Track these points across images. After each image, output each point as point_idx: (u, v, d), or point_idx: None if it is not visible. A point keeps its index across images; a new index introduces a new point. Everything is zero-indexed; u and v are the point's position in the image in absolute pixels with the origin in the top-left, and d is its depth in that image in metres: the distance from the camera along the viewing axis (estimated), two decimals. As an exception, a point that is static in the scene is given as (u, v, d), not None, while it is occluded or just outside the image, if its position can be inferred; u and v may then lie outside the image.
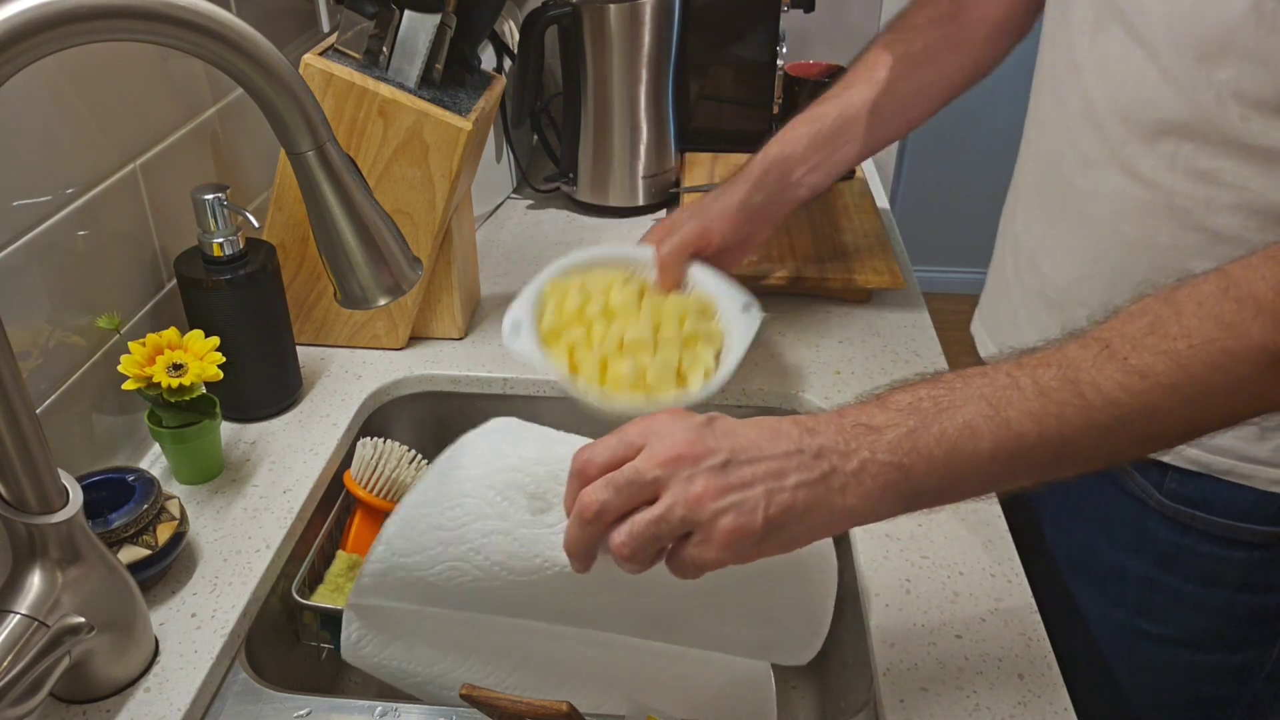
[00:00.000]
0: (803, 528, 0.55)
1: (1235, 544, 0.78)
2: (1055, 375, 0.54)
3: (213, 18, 0.50)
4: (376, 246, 0.60)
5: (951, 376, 0.56)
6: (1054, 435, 0.54)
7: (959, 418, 0.54)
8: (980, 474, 0.55)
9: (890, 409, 0.56)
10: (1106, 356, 0.54)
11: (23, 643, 0.57)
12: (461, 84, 0.96)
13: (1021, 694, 0.66)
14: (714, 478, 0.54)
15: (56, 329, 0.76)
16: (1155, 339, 0.53)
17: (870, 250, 1.15)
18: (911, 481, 0.55)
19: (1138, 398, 0.53)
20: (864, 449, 0.55)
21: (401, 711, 0.68)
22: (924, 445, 0.54)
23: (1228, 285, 0.53)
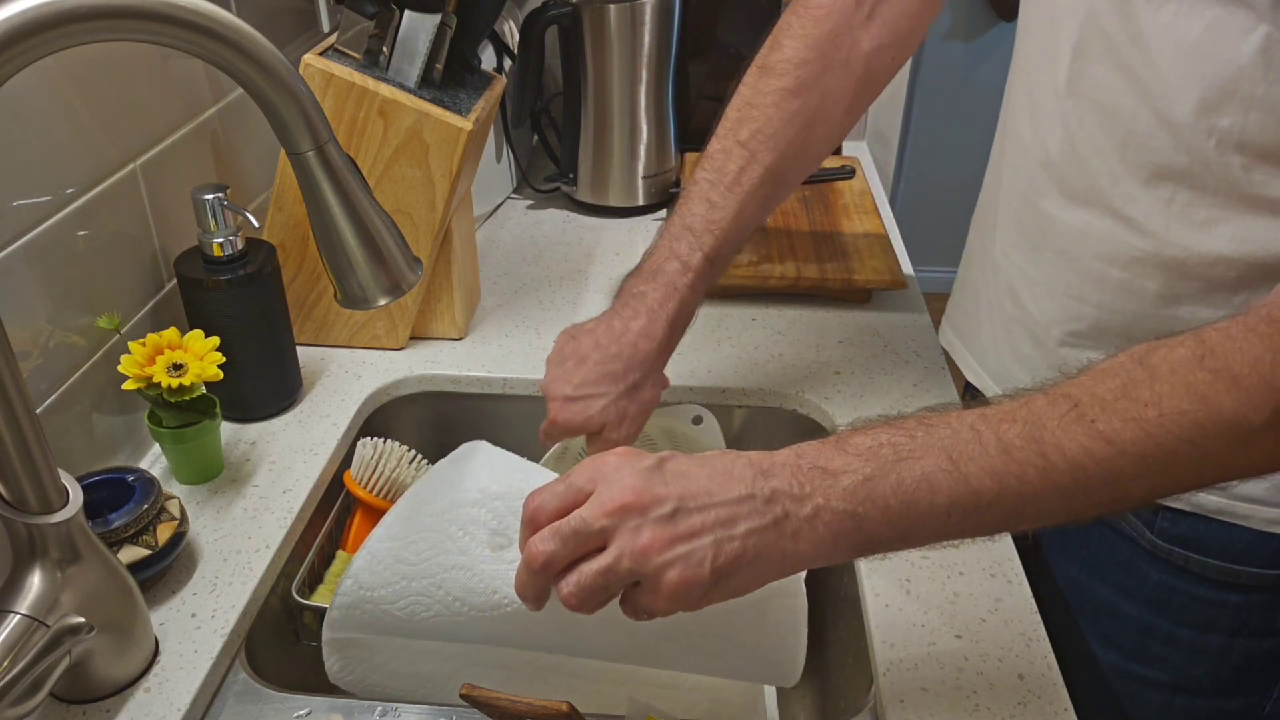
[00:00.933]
0: (752, 574, 0.54)
1: (1231, 587, 0.76)
2: (1020, 433, 0.52)
3: (213, 18, 0.50)
4: (376, 246, 0.60)
5: (914, 422, 0.55)
6: (1012, 494, 0.52)
7: (917, 469, 0.53)
8: (935, 526, 0.54)
9: (848, 453, 0.54)
10: (1074, 418, 0.52)
11: (23, 643, 0.57)
12: (461, 84, 0.96)
13: (1021, 694, 0.66)
14: (661, 528, 0.52)
15: (57, 329, 0.76)
16: (1125, 404, 0.52)
17: (870, 250, 1.15)
18: (864, 531, 0.54)
19: (1102, 464, 0.52)
20: (818, 494, 0.53)
21: (401, 711, 0.68)
22: (879, 495, 0.53)
23: (1204, 354, 0.51)
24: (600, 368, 0.77)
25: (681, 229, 0.79)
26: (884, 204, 1.35)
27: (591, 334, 0.78)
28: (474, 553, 0.62)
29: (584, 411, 0.76)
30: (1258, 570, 0.74)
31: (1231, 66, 0.61)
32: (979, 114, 2.88)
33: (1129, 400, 0.51)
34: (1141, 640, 0.81)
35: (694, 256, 0.78)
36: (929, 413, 0.56)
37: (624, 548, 0.52)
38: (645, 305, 0.78)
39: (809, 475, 0.54)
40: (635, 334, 0.77)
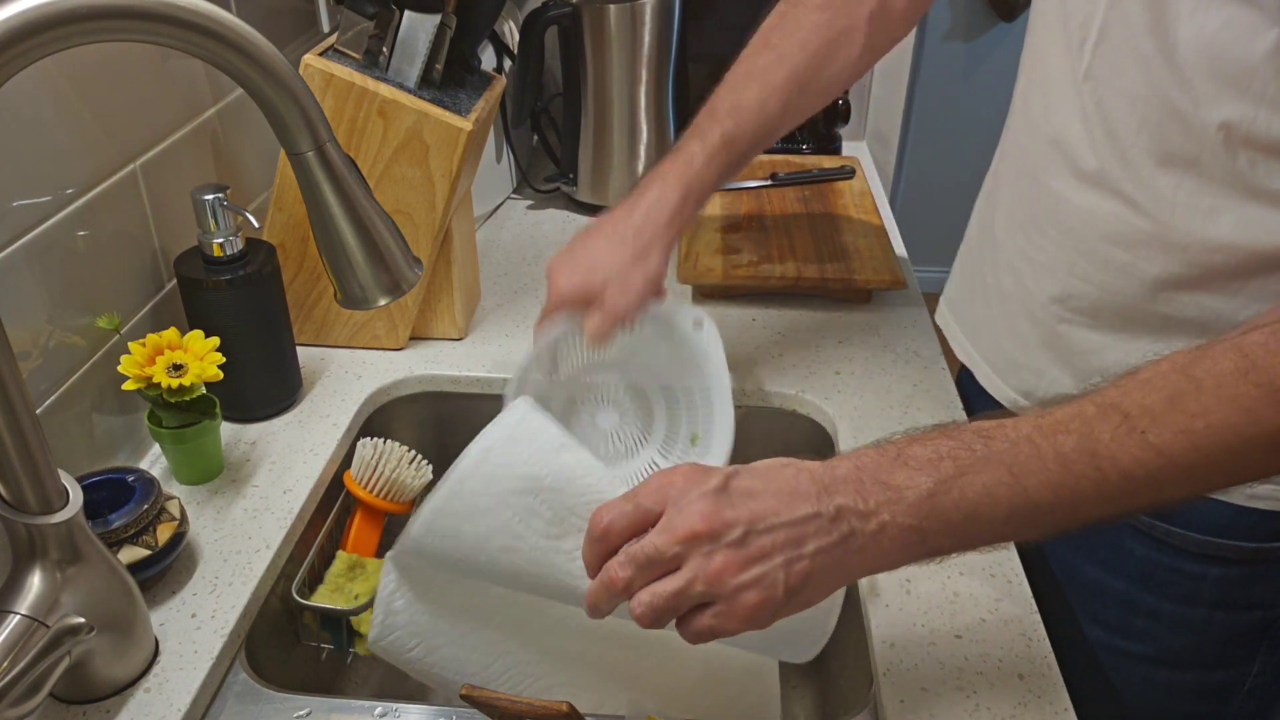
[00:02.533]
0: (819, 589, 0.56)
1: (1212, 560, 0.77)
2: (1075, 445, 0.54)
3: (213, 18, 0.50)
4: (376, 247, 0.60)
5: (971, 434, 0.56)
6: (1067, 504, 0.54)
7: (979, 483, 0.54)
8: (993, 534, 0.56)
9: (910, 466, 0.55)
10: (1126, 430, 0.54)
11: (23, 643, 0.57)
12: (461, 84, 0.96)
13: (1021, 694, 0.66)
14: (733, 553, 0.53)
15: (56, 329, 0.76)
16: (1174, 416, 0.53)
17: (870, 250, 1.15)
18: (928, 542, 0.55)
19: (1152, 473, 0.53)
20: (884, 511, 0.54)
21: (401, 712, 0.68)
22: (942, 509, 0.54)
23: (1248, 368, 0.53)
24: (607, 240, 0.79)
25: (705, 114, 0.83)
26: (884, 204, 1.35)
27: (604, 216, 0.82)
28: (530, 540, 0.63)
29: (586, 278, 0.77)
30: (1237, 544, 0.76)
31: (1244, 64, 0.62)
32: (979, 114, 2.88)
33: (1177, 412, 0.53)
34: (1125, 615, 0.83)
35: (713, 133, 0.82)
36: (984, 422, 0.57)
37: (697, 572, 0.53)
38: (659, 176, 0.81)
39: (873, 490, 0.55)
40: (648, 203, 0.80)
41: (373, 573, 0.84)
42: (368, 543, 0.88)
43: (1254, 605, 0.80)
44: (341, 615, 0.80)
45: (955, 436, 0.56)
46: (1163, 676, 0.84)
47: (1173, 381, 0.54)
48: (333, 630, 0.82)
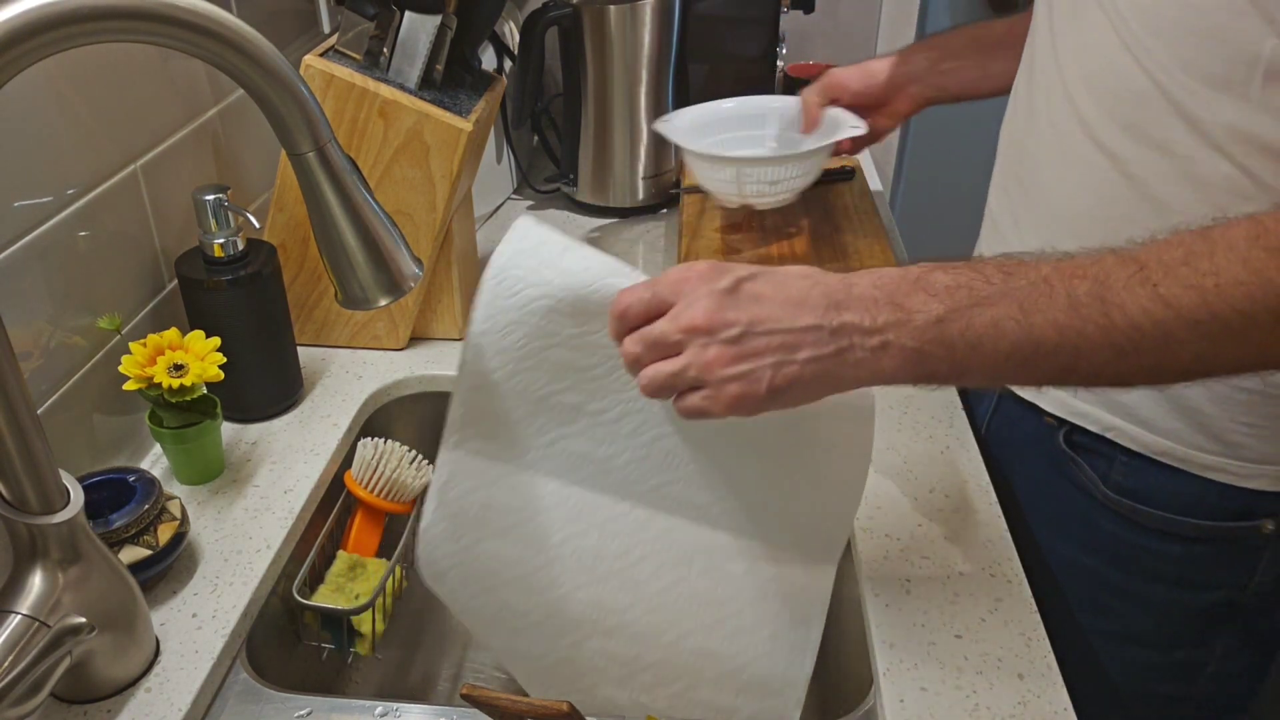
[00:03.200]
0: (807, 393, 0.60)
1: (1172, 538, 0.80)
2: (1088, 290, 0.55)
3: (214, 19, 0.50)
4: (377, 247, 0.60)
5: (993, 268, 0.57)
6: (1070, 346, 0.55)
7: (989, 315, 0.56)
8: (992, 369, 0.57)
9: (926, 291, 0.57)
10: (1140, 280, 0.54)
11: (24, 643, 0.57)
12: (462, 85, 0.96)
13: (1021, 694, 0.66)
14: (725, 349, 0.58)
15: (57, 329, 0.76)
16: (1187, 271, 0.54)
17: (870, 250, 1.15)
18: (925, 365, 0.57)
19: (1159, 325, 0.54)
20: (889, 331, 0.57)
21: (402, 711, 0.68)
22: (948, 336, 0.56)
23: (1259, 233, 0.54)
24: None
25: None
26: (884, 204, 1.35)
27: None
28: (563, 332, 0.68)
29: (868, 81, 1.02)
30: (1198, 521, 0.79)
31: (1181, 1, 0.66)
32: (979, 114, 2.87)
33: (1190, 268, 0.54)
34: (1094, 592, 0.85)
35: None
36: (1009, 259, 0.58)
37: (692, 360, 0.59)
38: None
39: (883, 309, 0.57)
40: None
41: (373, 572, 0.84)
42: (368, 542, 0.88)
43: (1214, 585, 0.82)
44: (342, 615, 0.80)
45: (979, 269, 0.57)
46: (1127, 654, 0.86)
47: (1190, 241, 0.55)
48: (333, 630, 0.82)
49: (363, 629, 0.82)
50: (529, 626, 0.74)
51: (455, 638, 0.97)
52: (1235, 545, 0.80)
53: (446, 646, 0.96)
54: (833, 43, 1.77)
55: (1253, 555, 0.80)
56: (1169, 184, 0.71)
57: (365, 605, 0.80)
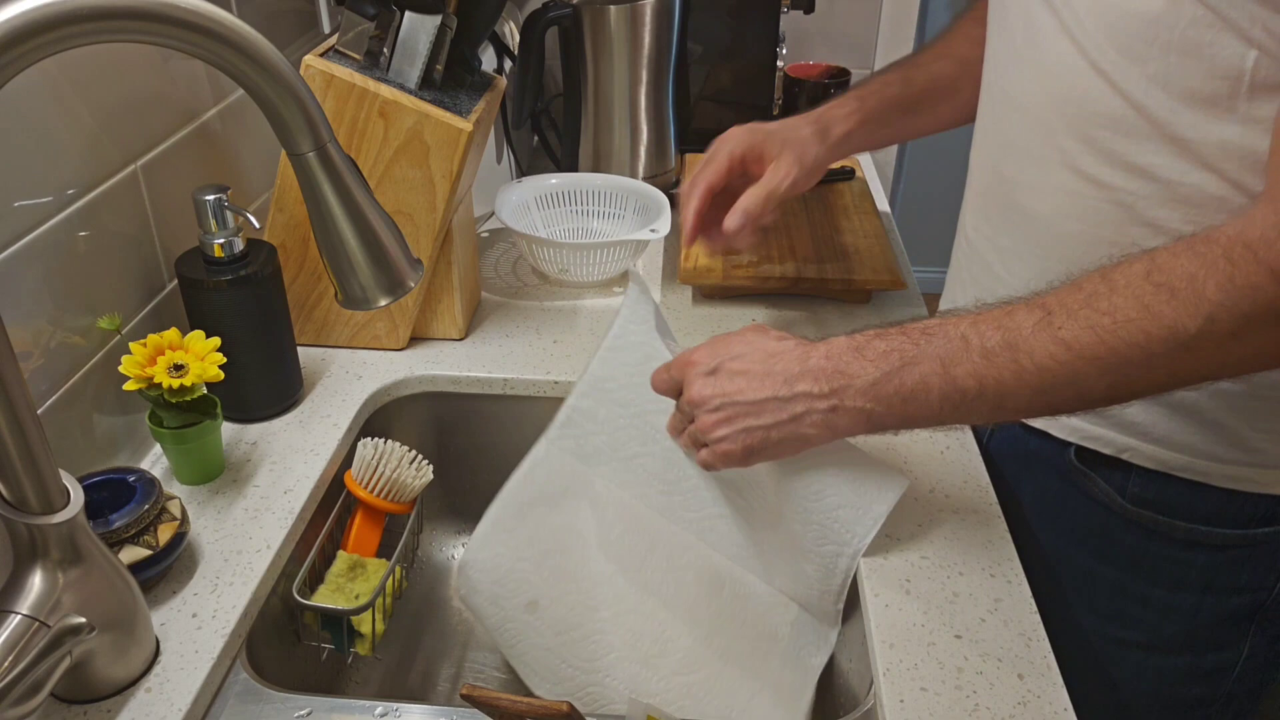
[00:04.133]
0: (779, 450, 0.73)
1: (1198, 547, 0.79)
2: (999, 340, 0.63)
3: (214, 19, 0.50)
4: (377, 247, 0.60)
5: (918, 331, 0.67)
6: (992, 391, 0.64)
7: (916, 373, 0.66)
8: (930, 416, 0.67)
9: (866, 358, 0.68)
10: (1044, 325, 0.62)
11: (24, 643, 0.57)
12: (462, 85, 0.96)
13: (1021, 694, 0.66)
14: (711, 416, 0.73)
15: (58, 329, 0.76)
16: (1087, 312, 0.61)
17: (870, 250, 1.15)
18: (874, 420, 0.69)
19: (1064, 366, 0.61)
20: (836, 396, 0.69)
21: (402, 711, 0.68)
22: (885, 394, 0.67)
23: (1151, 269, 0.60)
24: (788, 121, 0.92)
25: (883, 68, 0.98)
26: (884, 204, 1.35)
27: None
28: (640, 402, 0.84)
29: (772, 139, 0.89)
30: (1222, 530, 0.79)
31: (1147, 17, 0.66)
32: (979, 114, 2.87)
33: (1090, 309, 0.61)
34: (1118, 602, 0.85)
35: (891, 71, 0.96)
36: (933, 320, 0.68)
37: (696, 425, 0.75)
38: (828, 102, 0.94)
39: (831, 378, 0.69)
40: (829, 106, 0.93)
41: (373, 573, 0.84)
42: (368, 543, 0.88)
43: (1241, 589, 0.82)
44: (342, 615, 0.80)
45: (907, 333, 0.68)
46: (1155, 662, 0.86)
47: (1093, 283, 0.62)
48: (333, 630, 0.82)
49: (363, 629, 0.82)
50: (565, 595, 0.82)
51: (455, 638, 0.97)
52: (1259, 549, 0.79)
53: (446, 646, 0.96)
54: (833, 43, 1.77)
55: (1276, 557, 0.80)
56: (1158, 207, 0.71)
57: (365, 605, 0.80)
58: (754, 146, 0.90)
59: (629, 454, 0.84)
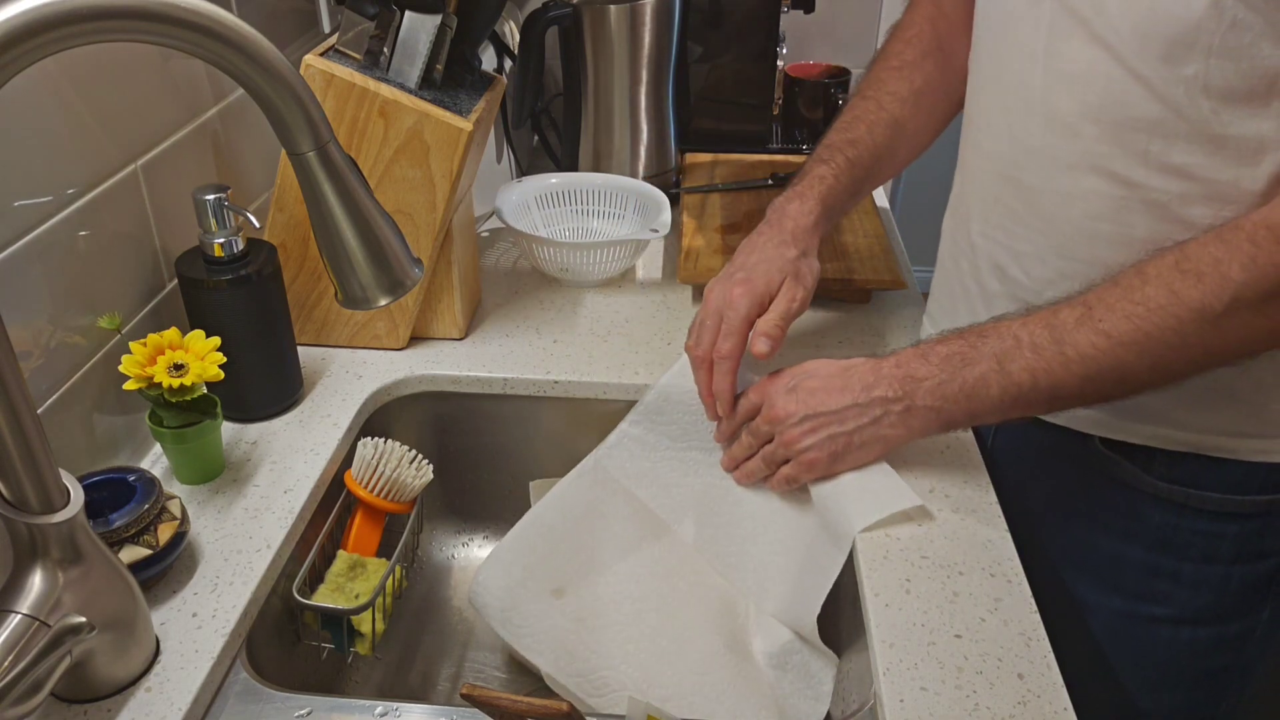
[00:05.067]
0: (863, 454, 0.79)
1: (1229, 518, 0.81)
2: (1046, 336, 0.70)
3: (214, 18, 0.50)
4: (377, 247, 0.60)
5: (975, 334, 0.74)
6: (1045, 383, 0.71)
7: (976, 372, 0.73)
8: (994, 410, 0.74)
9: (930, 361, 0.75)
10: (1086, 319, 0.69)
11: (24, 642, 0.57)
12: (462, 85, 0.96)
13: (1021, 694, 0.66)
14: (796, 429, 0.79)
15: (58, 329, 0.76)
16: (1124, 304, 0.68)
17: (870, 250, 1.15)
18: (944, 417, 0.76)
19: (1107, 354, 0.68)
20: (909, 397, 0.76)
21: (402, 711, 0.68)
22: (951, 393, 0.74)
23: (1180, 258, 0.67)
24: (766, 249, 0.89)
25: (821, 150, 0.95)
26: (884, 204, 1.35)
27: (749, 241, 0.91)
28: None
29: (765, 277, 0.86)
30: (1253, 498, 0.81)
31: (1188, 22, 0.67)
32: (979, 114, 2.87)
33: (1126, 301, 0.68)
34: (1147, 581, 0.86)
35: (836, 159, 0.93)
36: (989, 323, 0.75)
37: (780, 440, 0.81)
38: (795, 195, 0.92)
39: (903, 382, 0.76)
40: (793, 215, 0.91)
41: (373, 572, 0.84)
42: (368, 542, 0.88)
43: (1264, 555, 0.84)
44: (342, 615, 0.80)
45: (965, 337, 0.75)
46: (1184, 635, 0.87)
47: (1128, 277, 0.69)
48: (333, 630, 0.82)
49: (363, 629, 0.82)
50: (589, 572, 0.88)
51: (455, 637, 0.97)
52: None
53: (446, 646, 0.96)
54: (833, 43, 1.77)
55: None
56: (1193, 205, 0.71)
57: (365, 605, 0.80)
58: (757, 300, 0.85)
59: (668, 482, 0.92)
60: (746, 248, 0.90)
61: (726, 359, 0.84)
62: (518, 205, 1.19)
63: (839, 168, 0.93)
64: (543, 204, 1.22)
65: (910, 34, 0.97)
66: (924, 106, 0.96)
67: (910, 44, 0.96)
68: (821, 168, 0.93)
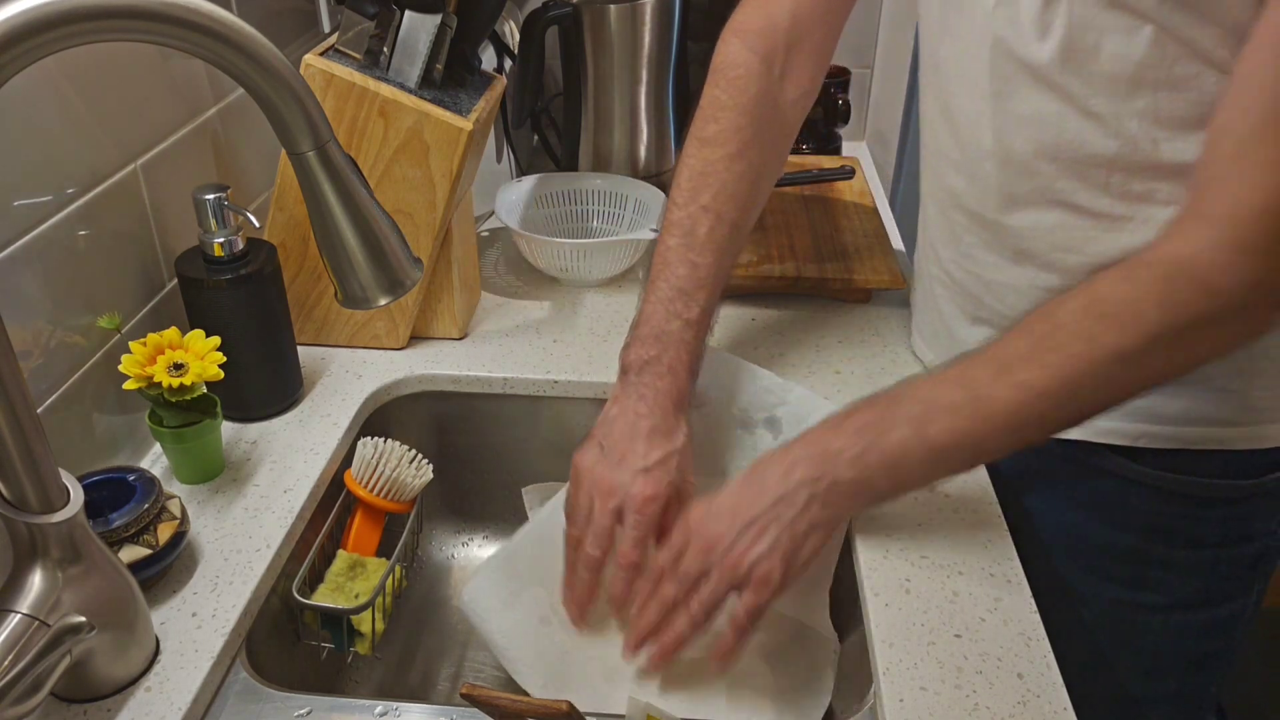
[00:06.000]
0: (812, 543, 0.72)
1: (1216, 503, 0.82)
2: (962, 396, 0.68)
3: (214, 18, 0.50)
4: (377, 246, 0.60)
5: (886, 400, 0.71)
6: (967, 441, 0.69)
7: (893, 438, 0.69)
8: (919, 474, 0.73)
9: (844, 434, 0.71)
10: (1000, 373, 0.67)
11: (24, 642, 0.57)
12: (462, 84, 0.96)
13: (1021, 694, 0.66)
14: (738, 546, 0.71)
15: (57, 329, 0.76)
16: (1039, 354, 0.66)
17: (870, 250, 1.15)
18: (869, 489, 0.72)
19: (1026, 406, 0.66)
20: (829, 473, 0.71)
21: (402, 711, 0.68)
22: (872, 462, 0.70)
23: (1090, 302, 0.65)
24: (655, 436, 0.80)
25: (674, 292, 0.84)
26: (884, 204, 1.35)
27: (624, 414, 0.81)
28: None
29: (666, 476, 0.78)
30: (1236, 482, 0.82)
31: (1132, 61, 0.68)
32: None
33: (1041, 350, 0.66)
34: (1138, 568, 0.87)
35: (693, 312, 0.83)
36: (900, 388, 0.72)
37: (726, 564, 0.71)
38: (665, 366, 0.82)
39: (819, 460, 0.71)
40: (665, 393, 0.81)
41: (373, 572, 0.84)
42: (368, 542, 0.88)
43: (1251, 537, 0.85)
44: (342, 614, 0.80)
45: (877, 405, 0.72)
46: (1175, 620, 0.88)
47: (1038, 326, 0.67)
48: (333, 629, 0.82)
49: (363, 628, 0.82)
50: None
51: (455, 637, 0.97)
52: (1266, 497, 0.83)
53: (446, 646, 0.96)
54: (833, 42, 1.77)
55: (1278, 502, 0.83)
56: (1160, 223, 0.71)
57: (365, 605, 0.80)
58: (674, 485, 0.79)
59: None
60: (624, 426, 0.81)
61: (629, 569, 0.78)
62: (518, 205, 1.19)
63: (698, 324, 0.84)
64: (543, 204, 1.22)
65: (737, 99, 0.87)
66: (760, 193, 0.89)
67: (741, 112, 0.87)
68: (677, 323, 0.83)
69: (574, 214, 1.24)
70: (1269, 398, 0.79)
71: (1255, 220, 0.61)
